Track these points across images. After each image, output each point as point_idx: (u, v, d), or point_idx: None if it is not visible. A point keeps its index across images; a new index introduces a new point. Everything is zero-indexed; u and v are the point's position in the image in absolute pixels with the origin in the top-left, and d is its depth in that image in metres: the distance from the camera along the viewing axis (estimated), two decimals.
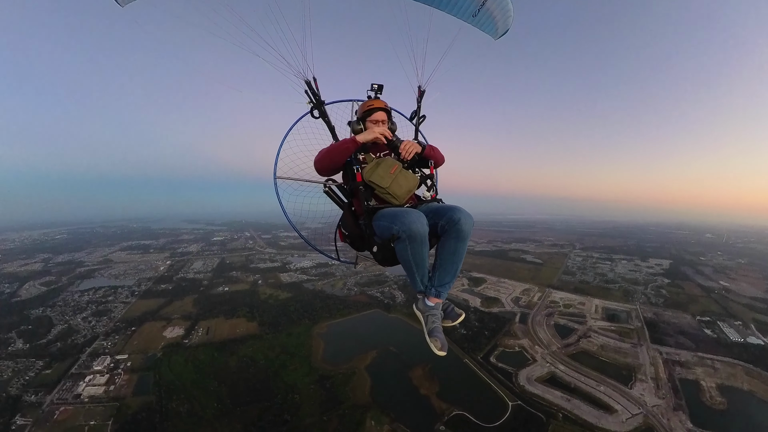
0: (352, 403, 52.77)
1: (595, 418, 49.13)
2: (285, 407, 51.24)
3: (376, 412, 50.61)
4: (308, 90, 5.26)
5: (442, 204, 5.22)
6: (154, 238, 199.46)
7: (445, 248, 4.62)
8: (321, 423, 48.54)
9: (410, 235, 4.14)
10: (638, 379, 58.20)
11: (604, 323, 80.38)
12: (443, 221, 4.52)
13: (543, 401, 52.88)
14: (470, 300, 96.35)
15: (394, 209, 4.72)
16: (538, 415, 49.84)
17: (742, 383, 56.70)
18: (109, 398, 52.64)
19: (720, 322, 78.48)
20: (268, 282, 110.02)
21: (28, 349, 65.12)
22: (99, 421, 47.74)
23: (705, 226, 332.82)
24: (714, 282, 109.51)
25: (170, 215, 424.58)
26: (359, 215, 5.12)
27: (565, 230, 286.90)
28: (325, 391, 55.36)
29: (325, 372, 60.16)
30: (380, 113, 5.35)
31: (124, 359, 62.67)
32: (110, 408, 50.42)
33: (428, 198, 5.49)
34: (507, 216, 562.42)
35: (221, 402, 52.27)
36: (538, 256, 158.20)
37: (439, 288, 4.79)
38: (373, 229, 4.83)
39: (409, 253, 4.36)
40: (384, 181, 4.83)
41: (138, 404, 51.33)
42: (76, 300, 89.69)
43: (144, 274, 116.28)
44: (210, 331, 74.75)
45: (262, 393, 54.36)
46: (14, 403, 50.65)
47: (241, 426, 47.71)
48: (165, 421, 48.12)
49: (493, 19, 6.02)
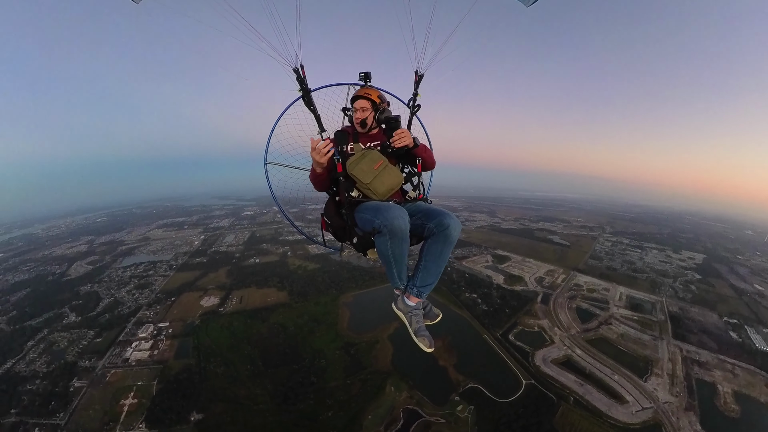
0: (374, 369, 56.43)
1: (606, 406, 50.01)
2: (312, 370, 55.51)
3: (395, 378, 54.08)
4: (297, 78, 5.16)
5: (433, 207, 5.06)
6: (188, 215, 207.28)
7: (431, 251, 4.68)
8: (345, 386, 52.54)
9: (391, 230, 4.18)
10: (654, 373, 57.76)
11: (627, 312, 79.38)
12: (432, 224, 4.54)
13: (556, 383, 54.23)
14: (494, 276, 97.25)
15: (377, 203, 4.78)
16: (549, 396, 51.44)
17: (760, 394, 54.55)
18: (154, 361, 58.04)
19: (748, 326, 75.18)
20: (297, 254, 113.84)
21: (80, 321, 71.33)
22: (145, 382, 53.04)
23: (747, 221, 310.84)
24: (748, 284, 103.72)
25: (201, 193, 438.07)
26: (342, 205, 5.11)
27: (595, 211, 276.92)
28: (350, 357, 59.28)
29: (350, 339, 64.04)
30: (360, 101, 5.21)
31: (165, 327, 68.34)
32: (155, 370, 55.78)
33: (414, 197, 5.51)
34: (534, 193, 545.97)
35: (254, 364, 56.91)
36: (566, 237, 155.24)
37: (421, 288, 4.90)
38: (354, 221, 4.90)
39: (389, 248, 4.41)
40: (366, 176, 4.81)
41: (179, 366, 56.63)
42: (119, 275, 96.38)
43: (180, 249, 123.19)
44: (243, 300, 79.57)
45: (291, 357, 58.81)
46: (71, 368, 56.09)
47: (271, 386, 52.21)
48: (204, 381, 53.19)
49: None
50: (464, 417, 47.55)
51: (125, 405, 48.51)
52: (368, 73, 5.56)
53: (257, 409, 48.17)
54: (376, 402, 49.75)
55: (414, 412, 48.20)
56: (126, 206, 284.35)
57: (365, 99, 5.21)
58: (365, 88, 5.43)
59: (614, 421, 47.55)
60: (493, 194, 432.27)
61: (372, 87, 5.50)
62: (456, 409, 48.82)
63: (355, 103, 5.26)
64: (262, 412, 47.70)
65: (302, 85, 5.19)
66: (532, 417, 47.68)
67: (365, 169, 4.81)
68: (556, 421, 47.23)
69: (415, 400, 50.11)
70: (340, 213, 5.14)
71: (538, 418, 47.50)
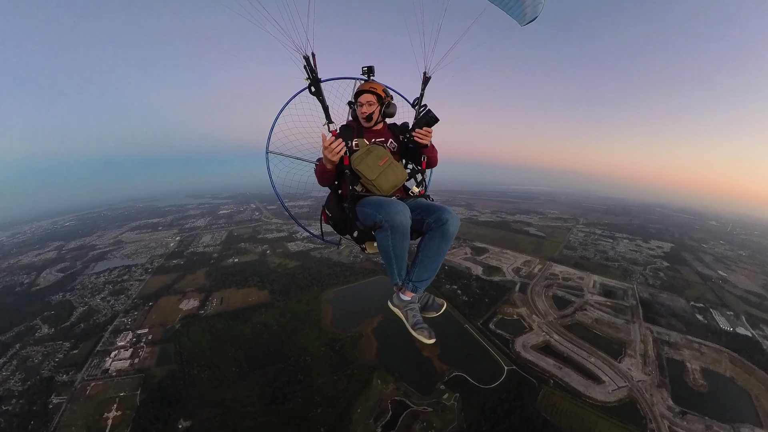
0: (360, 363, 56.99)
1: (584, 386, 52.50)
2: (298, 368, 55.42)
3: (381, 372, 54.83)
4: (306, 66, 5.02)
5: (432, 202, 5.10)
6: (162, 215, 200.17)
7: (429, 246, 4.64)
8: (332, 382, 52.83)
9: (393, 225, 4.16)
10: (627, 354, 60.84)
11: (601, 298, 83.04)
12: (431, 219, 4.54)
13: (536, 368, 56.52)
14: (472, 268, 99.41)
15: (379, 198, 4.77)
16: (530, 380, 53.58)
17: (725, 369, 58.55)
18: (135, 370, 55.96)
19: (713, 309, 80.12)
20: (276, 252, 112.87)
21: (53, 332, 67.54)
22: (128, 392, 51.11)
23: (711, 212, 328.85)
24: (712, 270, 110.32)
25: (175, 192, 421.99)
26: (344, 198, 5.08)
27: (569, 204, 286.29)
28: (335, 353, 59.55)
29: (335, 335, 64.28)
30: (366, 95, 5.21)
31: (144, 333, 65.96)
32: (137, 379, 53.79)
33: (416, 193, 5.49)
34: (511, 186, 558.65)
35: (239, 366, 56.20)
36: (541, 229, 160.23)
37: (416, 283, 4.83)
38: (356, 214, 4.87)
39: (390, 243, 4.39)
40: (371, 172, 4.81)
41: (162, 373, 54.97)
42: (92, 282, 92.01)
43: (155, 252, 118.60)
44: (224, 301, 78.02)
45: (276, 356, 58.45)
46: (48, 384, 53.09)
47: (258, 387, 51.75)
48: (189, 387, 51.94)
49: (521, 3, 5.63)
50: (450, 405, 48.84)
51: (109, 418, 46.79)
52: (371, 67, 5.43)
53: (245, 411, 47.69)
54: (363, 395, 50.29)
55: (402, 403, 49.07)
56: (95, 208, 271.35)
57: (371, 93, 5.20)
58: (370, 82, 5.34)
59: (592, 401, 50.07)
60: (471, 188, 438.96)
61: (375, 81, 5.43)
62: (442, 397, 50.04)
63: (361, 97, 5.23)
64: (250, 414, 47.27)
65: (312, 74, 5.03)
66: (515, 401, 49.50)
67: (370, 165, 4.81)
68: (538, 403, 49.24)
69: (402, 392, 50.97)
70: (341, 206, 5.10)
71: (521, 402, 49.36)
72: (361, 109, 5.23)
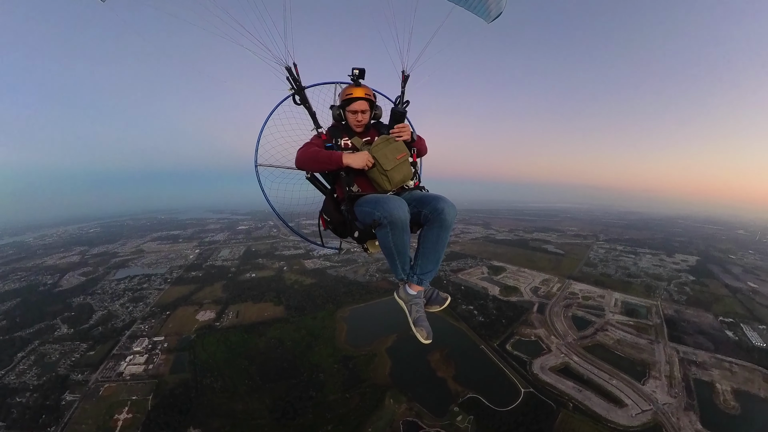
0: (373, 382, 56.04)
1: (605, 410, 50.06)
2: (310, 384, 55.02)
3: (395, 391, 53.72)
4: (289, 77, 5.03)
5: (427, 193, 5.14)
6: (182, 228, 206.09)
7: (429, 237, 4.64)
8: (343, 399, 52.08)
9: (392, 221, 4.18)
10: (652, 375, 58.04)
11: (623, 317, 79.95)
12: (427, 210, 4.54)
13: (555, 390, 54.29)
14: (489, 288, 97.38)
15: (376, 195, 4.75)
16: (548, 403, 51.43)
17: (759, 389, 55.25)
18: (149, 376, 56.97)
19: (743, 324, 76.07)
20: (293, 268, 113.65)
21: (72, 333, 69.91)
22: (140, 396, 51.95)
23: (738, 221, 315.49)
24: (742, 282, 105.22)
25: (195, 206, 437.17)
26: (341, 201, 5.10)
27: (589, 220, 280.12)
28: (348, 370, 58.88)
29: (348, 353, 63.69)
30: (360, 103, 5.06)
31: (160, 341, 67.24)
32: (150, 384, 54.69)
33: (411, 186, 5.43)
34: (528, 204, 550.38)
35: (251, 379, 56.26)
36: (560, 246, 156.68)
37: (421, 276, 4.82)
38: (354, 215, 4.86)
39: (390, 239, 4.39)
40: (388, 162, 4.80)
41: (175, 381, 55.68)
42: (113, 288, 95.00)
43: (175, 263, 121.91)
44: (239, 314, 78.88)
45: (290, 371, 58.25)
46: (63, 381, 54.97)
47: (270, 400, 51.56)
48: (201, 396, 52.38)
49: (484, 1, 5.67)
50: (464, 427, 47.30)
51: (119, 420, 47.60)
52: (363, 70, 5.15)
53: (256, 423, 47.50)
54: (375, 415, 49.32)
55: (414, 424, 47.81)
56: (119, 217, 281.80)
57: (366, 101, 5.10)
58: (363, 87, 5.14)
59: (614, 425, 47.58)
60: (487, 207, 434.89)
61: (366, 86, 5.27)
62: (456, 419, 48.56)
63: (355, 104, 5.06)
64: (260, 426, 47.04)
65: (296, 83, 5.11)
66: (532, 424, 47.58)
67: (389, 156, 4.81)
68: (556, 427, 47.18)
69: (414, 412, 49.78)
70: (339, 209, 5.12)
71: (538, 425, 47.41)
72: (356, 117, 5.14)
